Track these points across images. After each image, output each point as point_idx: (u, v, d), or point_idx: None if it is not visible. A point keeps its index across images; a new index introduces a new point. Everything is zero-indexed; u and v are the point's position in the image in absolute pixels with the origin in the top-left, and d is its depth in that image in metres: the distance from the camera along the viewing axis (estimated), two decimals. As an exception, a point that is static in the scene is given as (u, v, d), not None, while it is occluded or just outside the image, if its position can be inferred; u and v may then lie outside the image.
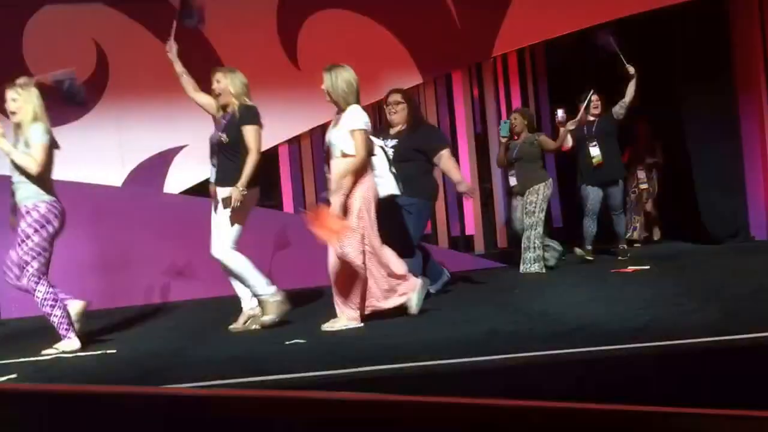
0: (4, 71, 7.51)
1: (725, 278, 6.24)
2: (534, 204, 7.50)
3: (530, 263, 7.45)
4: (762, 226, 8.98)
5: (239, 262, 5.46)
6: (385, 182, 5.69)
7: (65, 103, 6.45)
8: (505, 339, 4.46)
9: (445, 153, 6.44)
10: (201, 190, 7.99)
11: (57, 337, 5.05)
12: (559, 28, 8.60)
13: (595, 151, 7.98)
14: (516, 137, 7.69)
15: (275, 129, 7.85)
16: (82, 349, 5.04)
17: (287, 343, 4.82)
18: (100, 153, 7.92)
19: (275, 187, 8.46)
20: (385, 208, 5.64)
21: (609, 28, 8.11)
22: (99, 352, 5.04)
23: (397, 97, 6.57)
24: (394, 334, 4.85)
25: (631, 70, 7.78)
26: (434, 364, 3.93)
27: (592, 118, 8.08)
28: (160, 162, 8.10)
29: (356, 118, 5.30)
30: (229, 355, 4.63)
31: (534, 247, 7.45)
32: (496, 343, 4.34)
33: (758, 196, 9.02)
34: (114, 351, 5.06)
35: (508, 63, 8.89)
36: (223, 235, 5.47)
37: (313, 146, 8.47)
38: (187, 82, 5.95)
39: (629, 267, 7.24)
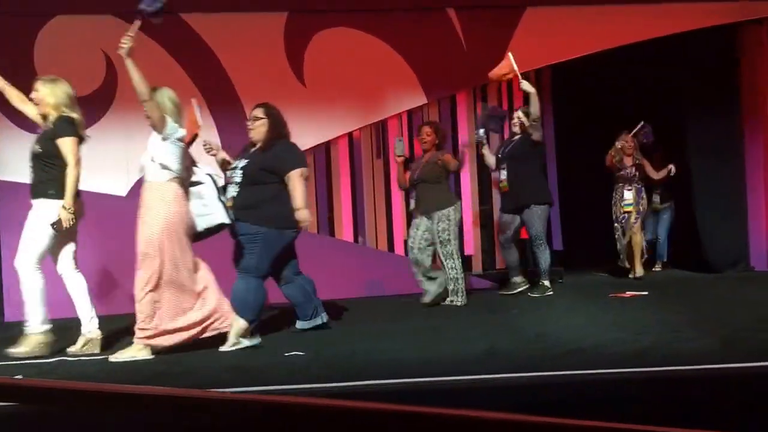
0: (16, 79, 7.56)
1: (724, 307, 6.25)
2: (447, 232, 7.02)
3: (458, 295, 7.02)
4: (762, 257, 8.99)
5: (35, 283, 5.22)
6: (213, 212, 5.40)
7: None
8: (503, 359, 4.47)
9: (294, 174, 5.68)
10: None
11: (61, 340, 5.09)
12: (564, 53, 8.66)
13: (502, 174, 7.63)
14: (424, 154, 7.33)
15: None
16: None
17: (286, 354, 4.84)
18: (106, 163, 7.95)
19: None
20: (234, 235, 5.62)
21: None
22: (100, 357, 5.06)
23: (257, 111, 5.93)
24: (392, 350, 4.87)
25: (526, 86, 7.48)
26: (432, 380, 3.95)
27: (515, 138, 7.72)
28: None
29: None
30: (228, 364, 4.65)
31: (457, 278, 7.03)
32: (493, 363, 4.36)
33: (759, 227, 9.03)
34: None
35: (512, 86, 8.93)
36: (30, 249, 5.23)
37: (315, 162, 8.51)
38: (11, 94, 5.74)
39: (627, 292, 7.24)
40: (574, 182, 8.74)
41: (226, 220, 5.42)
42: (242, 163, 5.79)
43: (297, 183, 5.67)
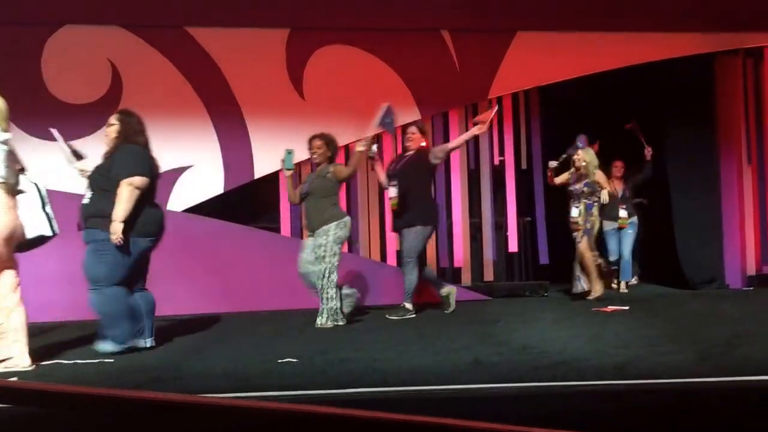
0: (24, 87, 7.57)
1: (701, 323, 6.26)
2: (323, 248, 6.40)
3: (324, 317, 6.44)
4: (737, 275, 9.04)
5: None
6: (35, 222, 4.94)
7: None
8: (488, 369, 4.45)
9: (124, 182, 5.17)
10: (204, 209, 8.03)
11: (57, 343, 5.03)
12: (553, 75, 8.73)
13: (392, 191, 7.10)
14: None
15: (279, 155, 7.90)
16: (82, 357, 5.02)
17: (279, 361, 4.81)
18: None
19: (275, 211, 8.48)
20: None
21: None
22: (97, 361, 5.02)
23: (112, 117, 5.51)
24: (383, 359, 4.85)
25: (481, 128, 7.32)
26: (420, 389, 3.93)
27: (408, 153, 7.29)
28: (166, 180, 8.11)
29: None
30: (222, 371, 4.61)
31: (327, 298, 6.42)
32: (479, 373, 4.34)
33: (734, 247, 9.08)
34: (111, 361, 5.03)
35: (502, 104, 8.96)
36: None
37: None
38: None
39: (609, 307, 7.24)
40: (560, 197, 8.72)
41: (48, 233, 5.01)
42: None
43: (122, 191, 5.16)
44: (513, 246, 8.98)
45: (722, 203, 9.12)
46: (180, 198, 8.11)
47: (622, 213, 8.70)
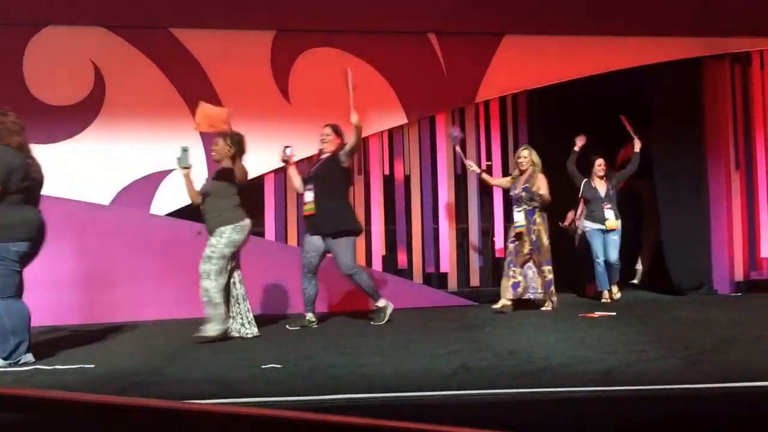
0: (5, 88, 7.53)
1: (688, 329, 6.27)
2: (212, 248, 6.05)
3: (211, 325, 6.04)
4: (725, 281, 9.08)
5: None
6: None
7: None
8: (475, 375, 4.46)
9: None
10: (186, 213, 7.99)
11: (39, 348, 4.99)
12: (539, 79, 8.77)
13: (307, 196, 6.85)
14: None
15: (263, 159, 7.90)
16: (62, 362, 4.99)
17: (263, 367, 4.79)
18: (90, 171, 7.91)
19: (259, 215, 8.45)
20: None
21: None
22: (77, 366, 4.98)
23: None
24: (369, 364, 4.84)
25: (353, 118, 6.69)
26: (406, 396, 3.93)
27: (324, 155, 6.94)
28: (149, 184, 8.09)
29: None
30: (205, 376, 4.59)
31: (213, 304, 6.02)
32: (466, 379, 4.34)
33: (722, 252, 9.12)
34: (92, 366, 5.00)
35: (489, 108, 8.99)
36: None
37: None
38: None
39: (596, 312, 7.26)
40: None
41: None
42: None
43: None
44: (500, 251, 9.00)
45: (710, 209, 9.15)
46: (163, 201, 8.08)
47: (608, 214, 8.27)
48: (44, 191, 5.52)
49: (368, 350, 5.41)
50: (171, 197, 8.12)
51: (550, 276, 7.63)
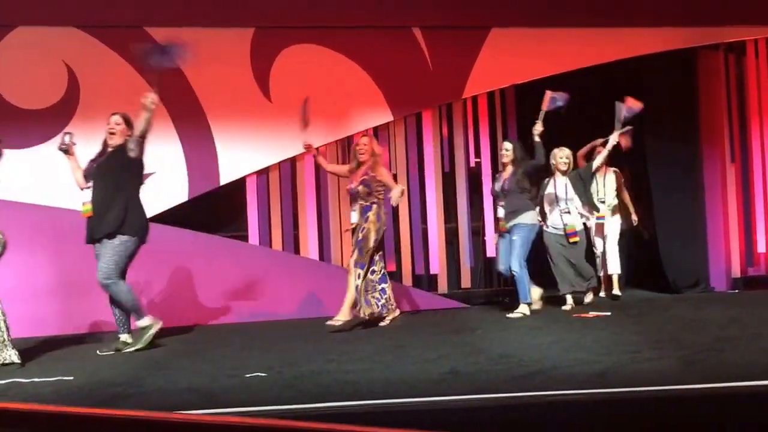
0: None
1: (684, 328, 6.31)
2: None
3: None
4: (722, 278, 9.14)
5: None
6: None
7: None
8: (466, 379, 4.48)
9: None
10: (167, 218, 7.98)
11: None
12: (528, 73, 8.79)
13: (86, 195, 6.19)
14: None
15: (245, 160, 7.89)
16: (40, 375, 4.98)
17: (247, 375, 4.80)
18: (65, 177, 7.86)
19: (242, 219, 8.46)
20: None
21: None
22: (55, 378, 4.98)
23: None
24: (356, 370, 4.85)
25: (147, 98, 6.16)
26: (395, 402, 3.94)
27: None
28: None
29: None
30: (186, 386, 4.59)
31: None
32: (456, 384, 4.36)
33: (719, 249, 9.18)
34: (71, 378, 4.99)
35: (478, 104, 9.01)
36: None
37: (281, 178, 8.50)
38: None
39: (591, 312, 7.30)
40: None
41: None
42: None
43: None
44: (491, 251, 9.02)
45: (705, 204, 9.22)
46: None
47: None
48: (18, 198, 5.52)
49: (355, 356, 5.43)
50: (149, 203, 8.09)
51: (358, 282, 6.80)
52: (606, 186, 8.54)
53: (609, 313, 7.23)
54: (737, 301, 8.12)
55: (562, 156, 8.00)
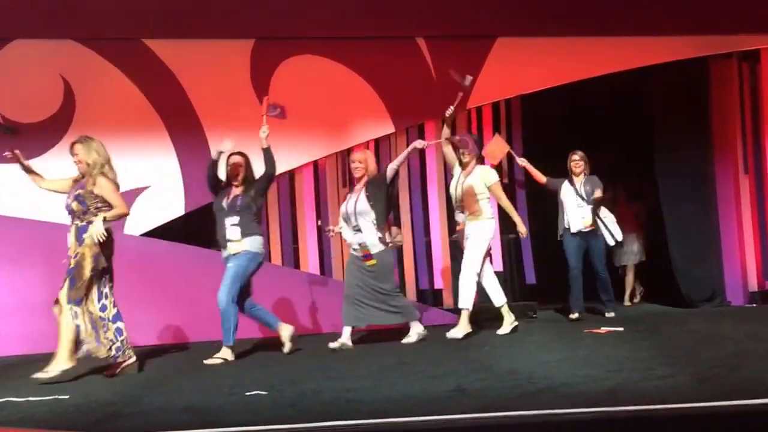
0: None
1: (699, 343, 6.28)
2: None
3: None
4: (738, 292, 9.10)
5: None
6: None
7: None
8: (472, 397, 4.45)
9: None
10: (163, 232, 7.99)
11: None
12: (534, 84, 8.79)
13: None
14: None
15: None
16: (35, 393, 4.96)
17: (247, 394, 4.78)
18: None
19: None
20: None
21: None
22: (51, 397, 4.97)
23: None
24: (358, 389, 4.83)
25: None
26: (400, 421, 3.92)
27: None
28: (123, 202, 8.08)
29: None
30: (185, 405, 4.58)
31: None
32: (462, 402, 4.34)
33: (734, 261, 9.15)
34: (67, 397, 4.99)
35: (482, 114, 9.01)
36: None
37: (279, 191, 8.51)
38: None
39: (602, 328, 7.27)
40: (547, 214, 8.76)
41: None
42: None
43: None
44: (497, 265, 8.99)
45: (719, 215, 9.18)
46: (137, 221, 8.07)
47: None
48: (14, 213, 5.53)
49: (357, 373, 5.41)
50: (145, 217, 8.12)
51: (77, 321, 5.90)
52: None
53: (621, 329, 7.21)
54: (754, 316, 8.09)
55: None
